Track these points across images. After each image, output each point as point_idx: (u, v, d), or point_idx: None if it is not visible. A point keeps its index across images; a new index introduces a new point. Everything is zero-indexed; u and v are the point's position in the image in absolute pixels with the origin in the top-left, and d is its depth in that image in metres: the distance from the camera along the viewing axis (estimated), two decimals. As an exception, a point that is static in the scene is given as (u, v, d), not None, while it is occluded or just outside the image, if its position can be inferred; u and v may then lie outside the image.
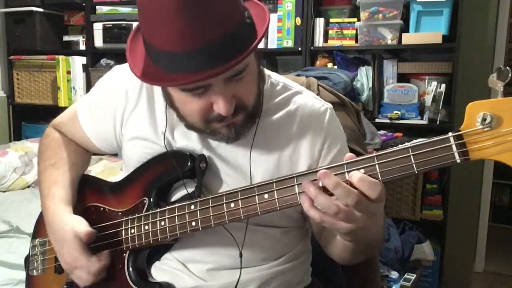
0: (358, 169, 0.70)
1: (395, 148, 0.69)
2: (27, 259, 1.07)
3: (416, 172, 0.67)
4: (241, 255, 0.87)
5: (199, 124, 0.83)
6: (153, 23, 0.71)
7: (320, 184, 0.69)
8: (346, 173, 0.70)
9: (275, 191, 0.76)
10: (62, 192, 0.96)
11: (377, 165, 0.69)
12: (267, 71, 0.95)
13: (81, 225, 0.90)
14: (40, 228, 1.06)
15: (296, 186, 0.74)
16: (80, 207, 0.98)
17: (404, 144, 0.68)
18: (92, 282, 0.90)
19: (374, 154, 0.70)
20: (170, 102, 0.86)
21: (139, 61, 0.78)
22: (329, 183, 0.67)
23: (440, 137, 0.66)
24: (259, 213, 0.77)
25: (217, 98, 0.77)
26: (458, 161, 0.65)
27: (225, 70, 0.71)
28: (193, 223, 0.83)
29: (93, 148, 1.05)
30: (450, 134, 0.65)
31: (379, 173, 0.69)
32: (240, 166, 0.89)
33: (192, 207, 0.83)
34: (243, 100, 0.81)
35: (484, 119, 0.63)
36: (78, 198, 1.00)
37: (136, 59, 0.79)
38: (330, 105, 0.95)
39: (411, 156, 0.67)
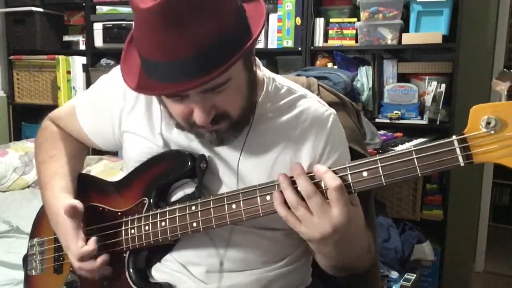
0: (361, 171, 0.71)
1: (398, 151, 0.69)
2: (25, 259, 1.07)
3: (419, 175, 0.67)
4: (221, 264, 0.88)
5: (184, 125, 0.84)
6: (138, 30, 0.72)
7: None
8: (349, 175, 0.71)
9: (277, 190, 0.76)
10: (62, 182, 0.97)
11: (380, 168, 0.69)
12: (271, 74, 0.94)
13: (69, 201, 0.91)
14: (38, 227, 1.07)
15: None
16: None
17: (407, 147, 0.68)
18: (83, 268, 0.89)
19: (377, 156, 0.70)
20: (161, 101, 0.87)
21: (132, 66, 0.79)
22: (296, 169, 0.73)
23: (444, 140, 0.66)
24: (261, 214, 0.77)
25: (195, 108, 0.77)
26: (462, 164, 0.65)
27: (193, 87, 0.70)
28: (194, 224, 0.83)
29: (92, 145, 1.06)
30: (454, 137, 0.65)
31: (382, 176, 0.69)
32: (235, 169, 0.88)
33: (193, 208, 0.83)
34: (225, 111, 0.79)
35: (488, 123, 0.63)
36: (78, 197, 0.99)
37: (131, 64, 0.79)
38: (333, 111, 0.94)
39: (415, 159, 0.67)
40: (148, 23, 0.68)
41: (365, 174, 0.70)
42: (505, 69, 0.65)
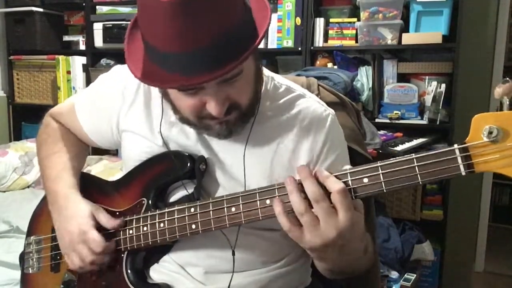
0: (362, 178, 0.70)
1: (399, 158, 0.68)
2: (22, 257, 1.07)
3: (420, 183, 0.67)
4: (233, 254, 0.87)
5: (191, 119, 0.83)
6: (150, 21, 0.71)
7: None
8: (350, 181, 0.71)
9: (277, 197, 0.75)
10: (72, 179, 0.97)
11: (381, 174, 0.69)
12: (270, 73, 0.95)
13: (103, 212, 0.91)
14: (35, 225, 1.07)
15: None
16: None
17: (409, 155, 0.68)
18: (90, 263, 0.89)
19: (379, 163, 0.70)
20: (165, 95, 0.86)
21: (137, 57, 0.78)
22: (303, 171, 0.71)
23: (446, 149, 0.66)
24: (261, 218, 0.77)
25: (210, 100, 0.77)
26: (463, 173, 0.65)
27: (214, 77, 0.70)
28: (193, 226, 0.82)
29: (91, 143, 1.06)
30: (455, 146, 0.65)
31: (383, 183, 0.69)
32: (234, 169, 0.88)
33: (192, 210, 0.83)
34: (237, 101, 0.80)
35: (490, 132, 0.63)
36: None
37: (135, 54, 0.78)
38: (332, 111, 0.94)
39: (416, 167, 0.67)
40: (166, 15, 0.67)
41: (365, 180, 0.70)
42: (507, 79, 0.65)
